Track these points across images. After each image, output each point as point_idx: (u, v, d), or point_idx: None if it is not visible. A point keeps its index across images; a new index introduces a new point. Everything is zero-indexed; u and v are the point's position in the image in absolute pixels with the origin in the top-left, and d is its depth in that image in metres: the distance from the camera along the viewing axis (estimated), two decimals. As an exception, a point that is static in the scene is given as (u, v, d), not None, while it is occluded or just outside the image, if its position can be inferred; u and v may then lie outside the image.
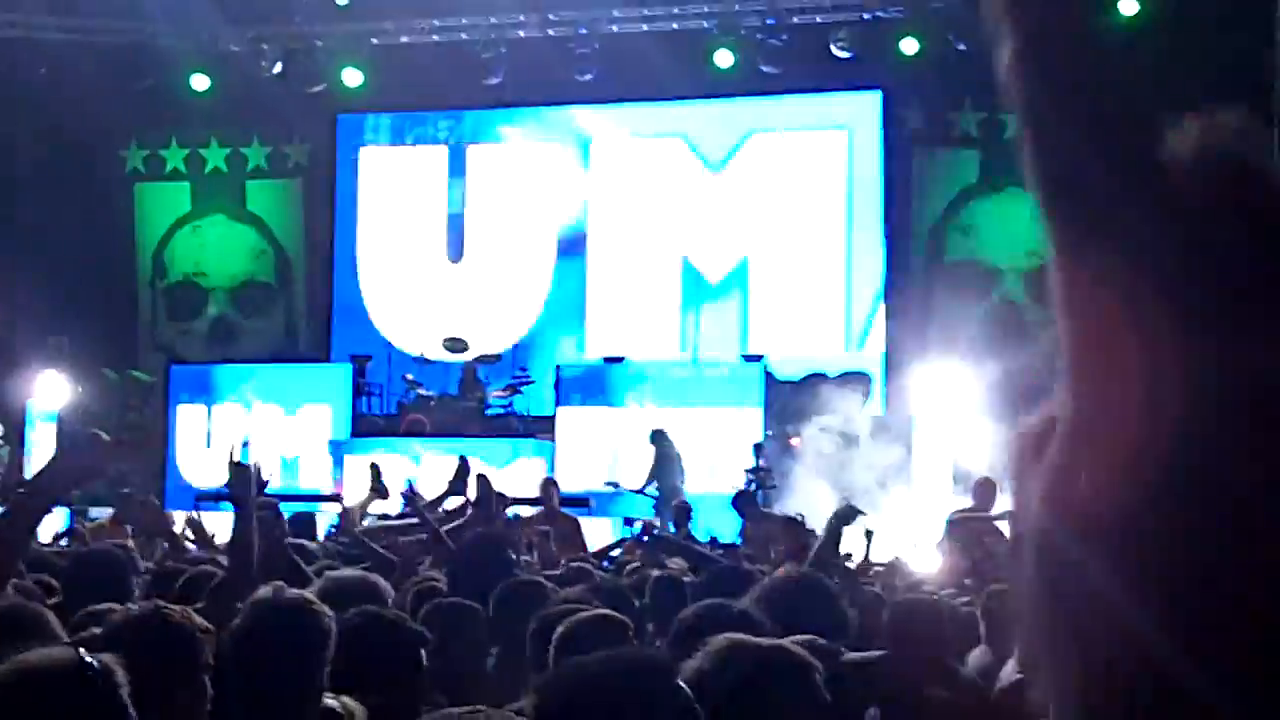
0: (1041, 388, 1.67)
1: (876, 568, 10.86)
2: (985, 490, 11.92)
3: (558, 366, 18.26)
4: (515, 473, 16.08)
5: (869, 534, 11.07)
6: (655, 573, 6.81)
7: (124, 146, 21.48)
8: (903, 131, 19.50)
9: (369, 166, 21.05)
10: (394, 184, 20.87)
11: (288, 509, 7.70)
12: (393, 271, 20.76)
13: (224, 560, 5.77)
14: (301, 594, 3.93)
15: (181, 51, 19.42)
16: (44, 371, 18.60)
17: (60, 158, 20.17)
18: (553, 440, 17.38)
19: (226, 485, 5.23)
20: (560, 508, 13.10)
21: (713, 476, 16.73)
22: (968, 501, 12.77)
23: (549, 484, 13.74)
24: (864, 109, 19.55)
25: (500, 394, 18.25)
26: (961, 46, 18.23)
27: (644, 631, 5.22)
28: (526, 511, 12.43)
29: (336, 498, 15.83)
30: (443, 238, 20.66)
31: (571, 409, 17.40)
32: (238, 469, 5.81)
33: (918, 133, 19.60)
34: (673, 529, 12.73)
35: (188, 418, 18.75)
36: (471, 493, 9.12)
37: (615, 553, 11.11)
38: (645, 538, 11.99)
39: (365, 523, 8.79)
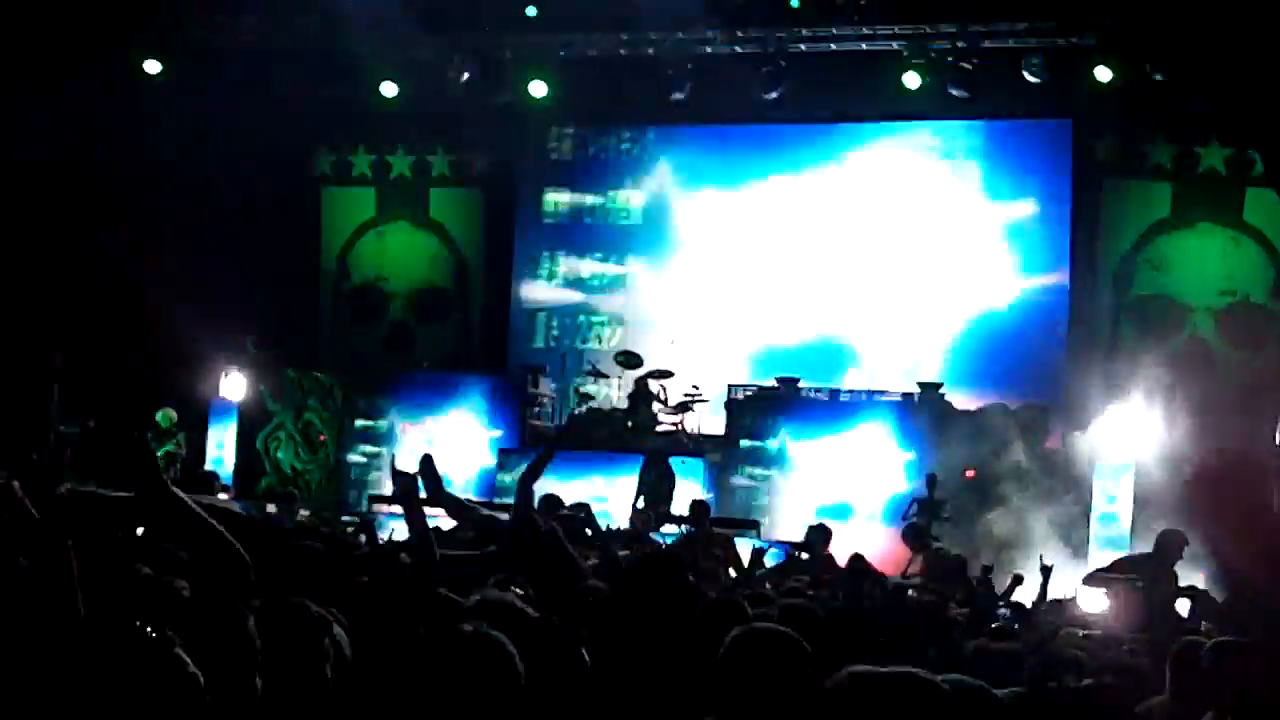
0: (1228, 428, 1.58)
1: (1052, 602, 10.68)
2: (1169, 542, 11.39)
3: (729, 386, 18.14)
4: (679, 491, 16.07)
5: (1046, 570, 10.84)
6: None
7: (312, 151, 21.88)
8: (1092, 162, 19.02)
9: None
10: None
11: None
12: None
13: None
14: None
15: (372, 59, 19.69)
16: (229, 368, 19.01)
17: (251, 161, 20.57)
18: (718, 463, 17.31)
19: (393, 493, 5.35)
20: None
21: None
22: (1147, 543, 12.35)
23: (701, 505, 13.71)
24: (1058, 137, 19.10)
25: (671, 410, 18.19)
26: (1158, 76, 17.75)
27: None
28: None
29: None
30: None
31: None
32: (400, 476, 5.97)
33: (1108, 164, 19.10)
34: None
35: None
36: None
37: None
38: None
39: None
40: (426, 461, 7.29)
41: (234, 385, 18.97)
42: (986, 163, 19.38)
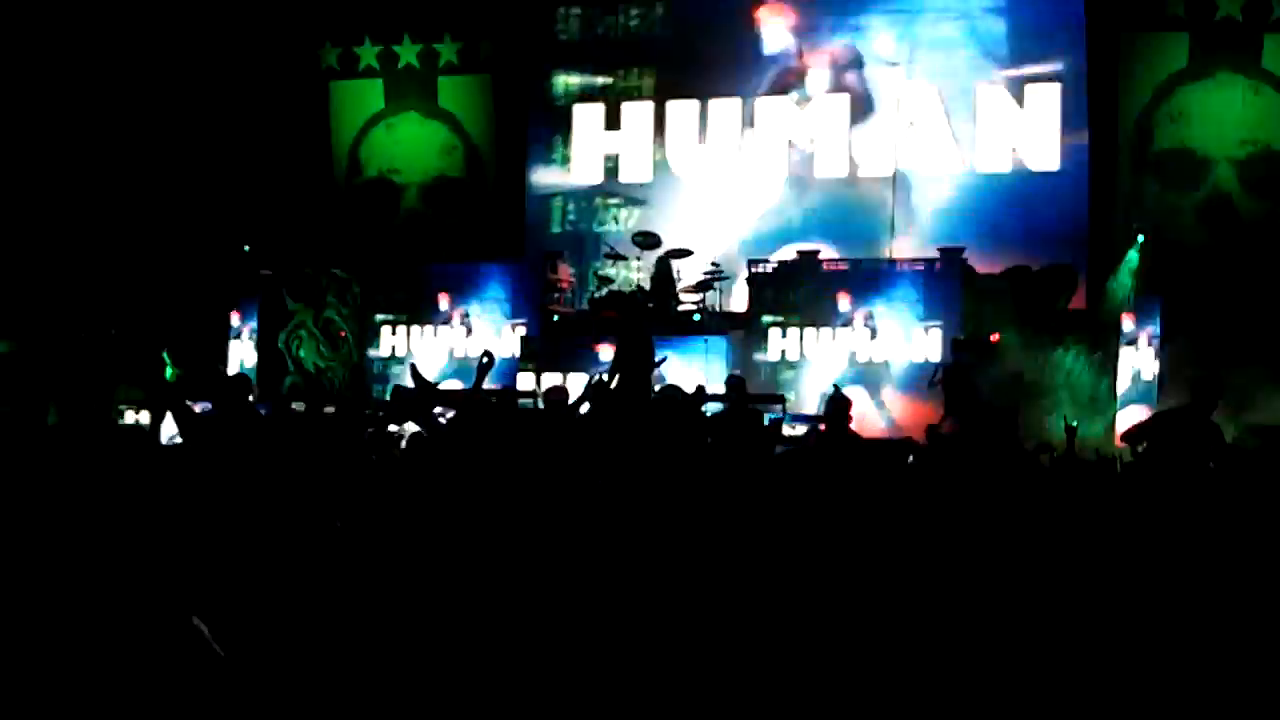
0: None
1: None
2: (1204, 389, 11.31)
3: (749, 261, 18.04)
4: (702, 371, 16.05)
5: (1071, 430, 10.89)
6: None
7: (318, 45, 21.66)
8: (1107, 15, 18.70)
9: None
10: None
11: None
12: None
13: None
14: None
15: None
16: (242, 269, 19.01)
17: (256, 57, 20.42)
18: (742, 342, 17.26)
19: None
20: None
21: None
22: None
23: (738, 380, 13.77)
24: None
25: (691, 289, 18.11)
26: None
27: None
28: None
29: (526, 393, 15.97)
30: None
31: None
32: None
33: (1123, 16, 18.78)
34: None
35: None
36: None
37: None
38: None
39: None
40: (412, 370, 7.76)
41: (247, 285, 18.99)
42: (1000, 21, 19.08)
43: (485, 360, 9.00)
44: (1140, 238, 16.92)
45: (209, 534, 3.81)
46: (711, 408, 13.16)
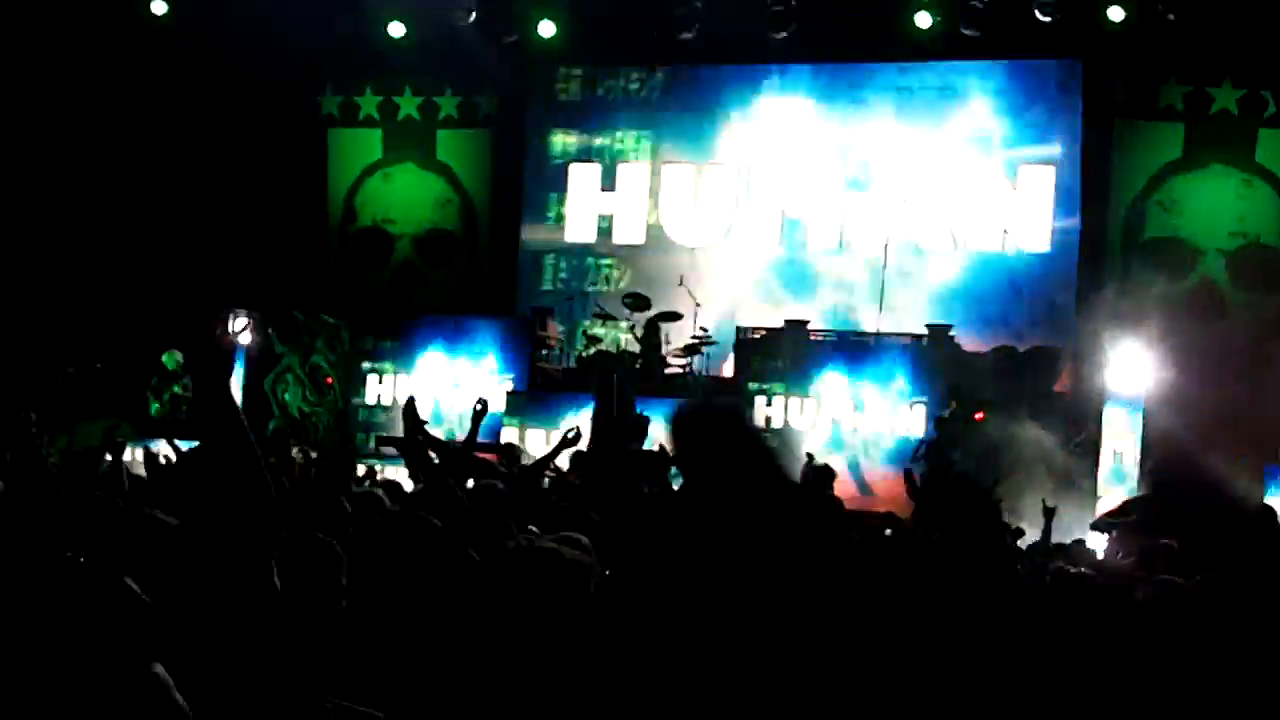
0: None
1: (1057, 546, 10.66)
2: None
3: (738, 329, 18.09)
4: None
5: (1050, 512, 10.85)
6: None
7: (319, 92, 21.78)
8: (1104, 103, 18.87)
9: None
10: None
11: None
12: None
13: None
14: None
15: (379, -1, 19.58)
16: (234, 310, 18.96)
17: (257, 103, 20.50)
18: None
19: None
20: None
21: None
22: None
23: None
24: (1070, 78, 18.92)
25: (679, 353, 18.15)
26: (1170, 16, 17.63)
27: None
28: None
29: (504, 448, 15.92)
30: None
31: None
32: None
33: (1119, 105, 18.96)
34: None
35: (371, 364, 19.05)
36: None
37: None
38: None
39: None
40: (409, 405, 7.47)
41: (239, 328, 18.91)
42: (997, 104, 19.23)
43: (480, 408, 8.92)
44: None
45: (174, 578, 3.75)
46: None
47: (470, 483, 7.30)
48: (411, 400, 7.63)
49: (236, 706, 3.13)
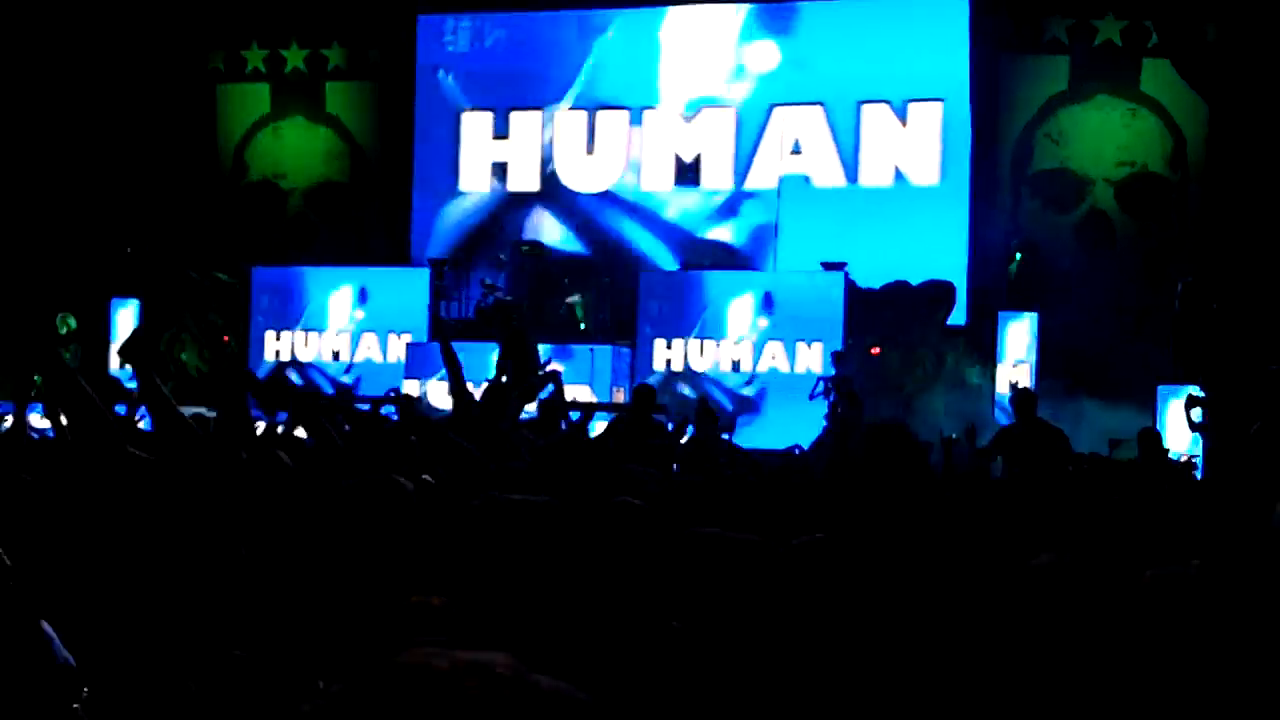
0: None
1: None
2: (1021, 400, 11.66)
3: (638, 274, 18.12)
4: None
5: (948, 443, 11.02)
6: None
7: (206, 48, 21.44)
8: (989, 37, 19.02)
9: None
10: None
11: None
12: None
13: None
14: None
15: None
16: (126, 270, 18.74)
17: (141, 60, 20.17)
18: (630, 347, 17.34)
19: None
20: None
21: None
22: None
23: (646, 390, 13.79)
24: (952, 14, 19.03)
25: (578, 300, 18.14)
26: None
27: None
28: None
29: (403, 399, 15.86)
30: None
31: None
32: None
33: (1006, 39, 19.11)
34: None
35: (267, 320, 18.89)
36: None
37: None
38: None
39: None
40: (278, 371, 7.54)
41: (130, 286, 18.70)
42: (884, 42, 19.30)
43: (393, 396, 8.83)
44: (1019, 255, 17.23)
45: (68, 533, 3.71)
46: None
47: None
48: (281, 367, 7.63)
49: (139, 660, 3.11)
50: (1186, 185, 18.50)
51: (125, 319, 18.60)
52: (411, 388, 16.64)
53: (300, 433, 8.76)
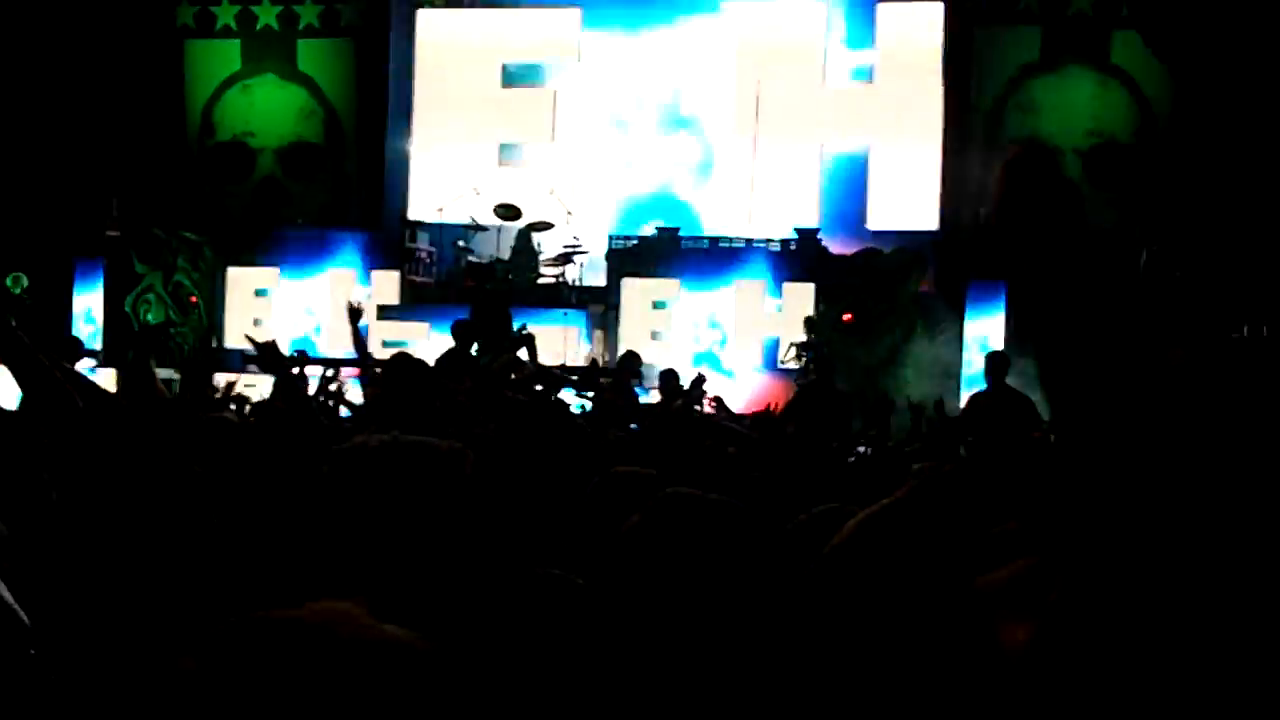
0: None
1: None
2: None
3: (610, 237, 18.12)
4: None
5: (916, 407, 11.11)
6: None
7: (174, 2, 21.19)
8: (962, 6, 19.09)
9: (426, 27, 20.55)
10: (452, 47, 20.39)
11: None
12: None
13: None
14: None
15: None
16: (93, 230, 18.56)
17: (108, 14, 19.91)
18: (606, 310, 17.36)
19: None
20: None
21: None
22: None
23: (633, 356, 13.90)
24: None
25: (551, 263, 18.13)
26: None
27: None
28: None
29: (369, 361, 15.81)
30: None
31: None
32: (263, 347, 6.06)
33: (980, 8, 19.20)
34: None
35: (236, 280, 18.79)
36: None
37: None
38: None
39: None
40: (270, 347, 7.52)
41: (98, 246, 18.51)
42: (852, 11, 19.34)
43: (356, 305, 8.82)
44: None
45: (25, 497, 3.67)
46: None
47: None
48: (273, 343, 7.58)
49: (98, 625, 3.08)
50: (1153, 156, 18.68)
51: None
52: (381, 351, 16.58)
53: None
